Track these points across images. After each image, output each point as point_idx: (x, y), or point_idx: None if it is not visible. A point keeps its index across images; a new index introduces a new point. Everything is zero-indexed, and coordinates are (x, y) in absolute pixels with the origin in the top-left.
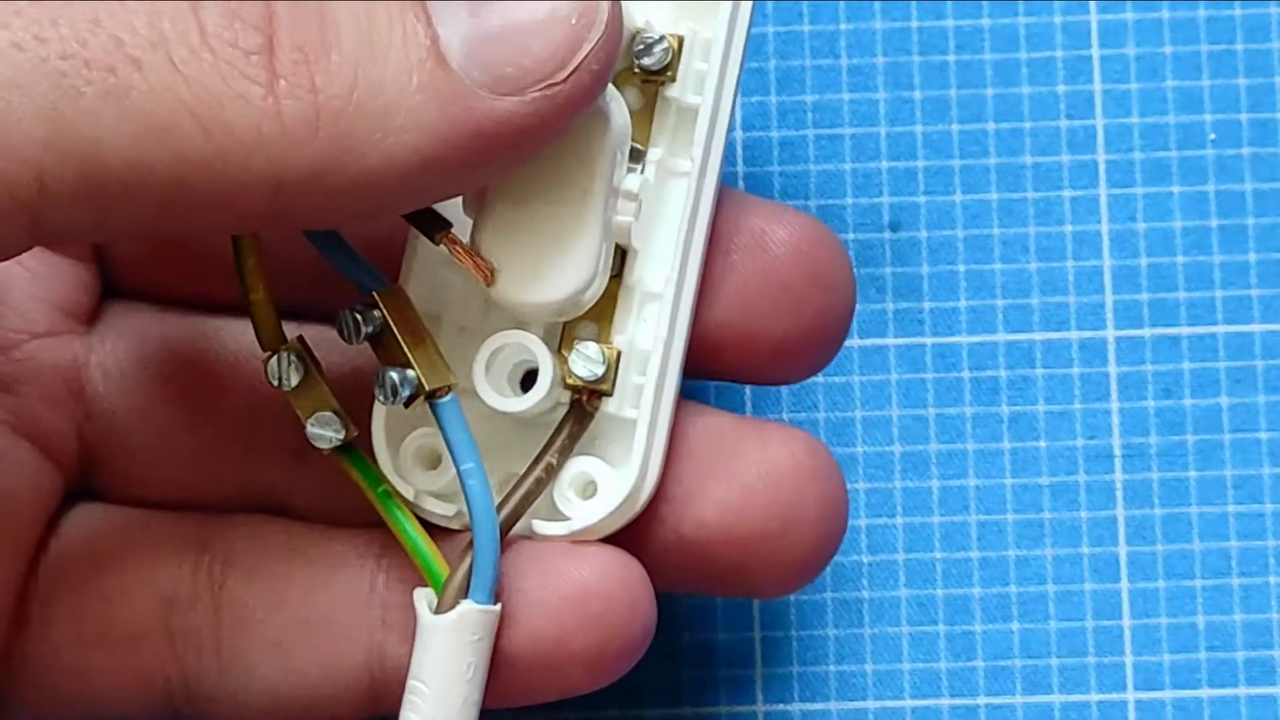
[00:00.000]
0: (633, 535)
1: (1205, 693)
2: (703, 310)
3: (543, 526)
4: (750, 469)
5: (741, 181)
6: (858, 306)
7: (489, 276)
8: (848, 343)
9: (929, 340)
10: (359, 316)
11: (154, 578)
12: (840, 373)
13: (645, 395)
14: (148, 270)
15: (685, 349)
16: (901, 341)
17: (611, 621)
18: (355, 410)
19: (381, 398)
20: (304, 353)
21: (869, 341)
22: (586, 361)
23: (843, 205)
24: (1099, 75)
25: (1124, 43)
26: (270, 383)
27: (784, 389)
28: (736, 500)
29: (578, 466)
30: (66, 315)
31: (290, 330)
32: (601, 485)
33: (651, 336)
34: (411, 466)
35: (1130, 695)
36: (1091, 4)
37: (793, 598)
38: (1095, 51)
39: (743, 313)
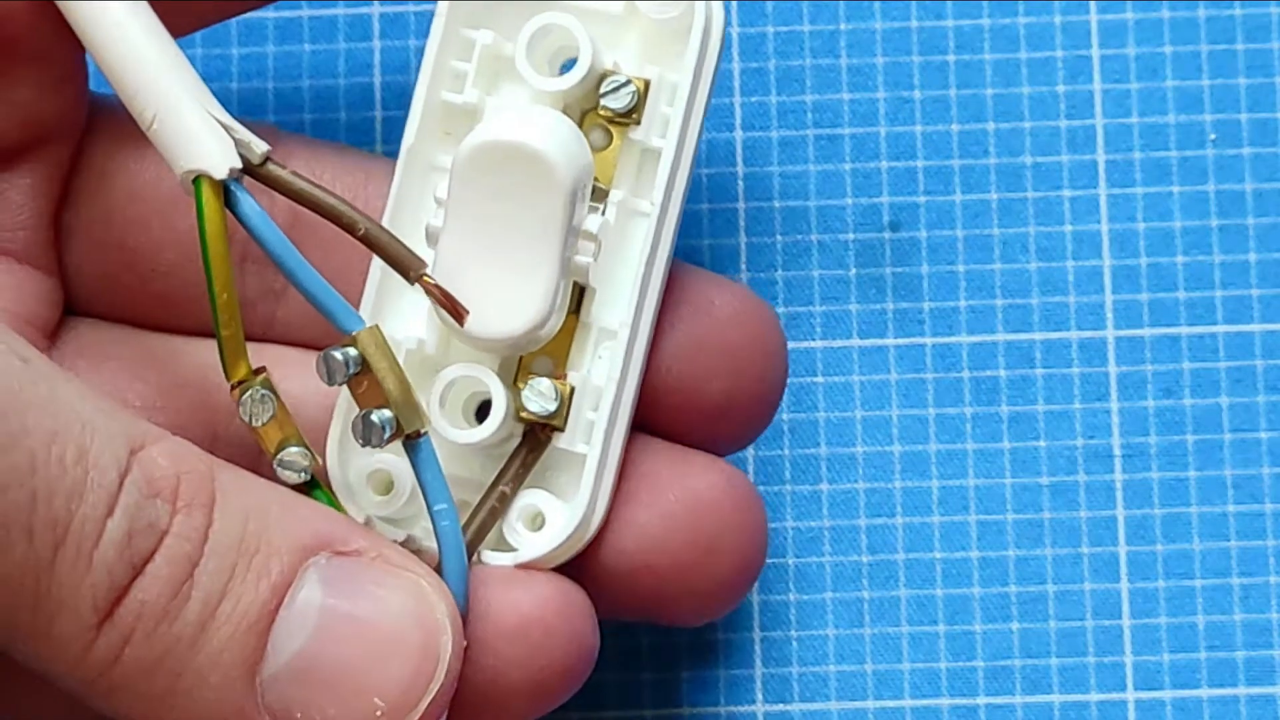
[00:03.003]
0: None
1: (1205, 693)
2: (649, 362)
3: (491, 557)
4: (670, 498)
5: (741, 181)
6: (858, 306)
7: (462, 318)
8: (847, 342)
9: (929, 340)
10: (340, 358)
11: None
12: (840, 373)
13: (597, 432)
14: (109, 294)
15: (639, 388)
16: (901, 341)
17: (550, 652)
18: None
19: (362, 442)
20: (269, 385)
21: (869, 341)
22: (539, 397)
23: (843, 205)
24: (1099, 75)
25: (1124, 43)
26: (241, 419)
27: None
28: (656, 529)
29: (527, 499)
30: (30, 327)
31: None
32: (550, 518)
33: (606, 374)
34: (363, 489)
35: (1130, 695)
36: (1091, 4)
37: (792, 598)
38: (1095, 51)
39: (686, 368)
